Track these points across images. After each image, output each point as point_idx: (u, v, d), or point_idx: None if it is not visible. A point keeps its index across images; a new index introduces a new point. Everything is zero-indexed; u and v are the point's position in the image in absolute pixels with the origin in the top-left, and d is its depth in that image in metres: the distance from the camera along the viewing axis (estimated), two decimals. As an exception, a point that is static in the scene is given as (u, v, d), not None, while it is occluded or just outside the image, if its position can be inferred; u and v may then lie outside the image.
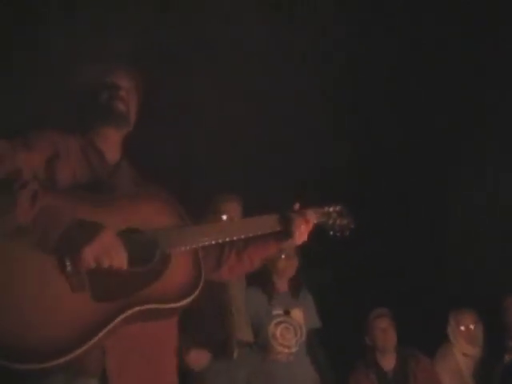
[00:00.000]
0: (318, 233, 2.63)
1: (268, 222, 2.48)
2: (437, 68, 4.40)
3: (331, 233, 2.67)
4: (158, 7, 3.77)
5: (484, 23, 4.10)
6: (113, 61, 2.43)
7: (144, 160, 2.45)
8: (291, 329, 3.67)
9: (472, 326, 4.36)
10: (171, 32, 3.88)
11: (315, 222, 2.58)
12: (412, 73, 4.46)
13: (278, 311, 3.75)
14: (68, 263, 1.84)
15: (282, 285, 3.93)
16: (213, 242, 2.25)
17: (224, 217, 3.46)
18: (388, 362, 4.30)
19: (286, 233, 2.50)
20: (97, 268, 1.89)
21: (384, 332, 4.30)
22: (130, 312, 1.89)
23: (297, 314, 3.78)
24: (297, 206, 2.58)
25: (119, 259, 1.93)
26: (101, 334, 1.81)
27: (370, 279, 4.90)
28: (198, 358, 3.29)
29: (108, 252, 1.89)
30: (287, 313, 3.71)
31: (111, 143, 2.33)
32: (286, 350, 3.63)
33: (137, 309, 1.91)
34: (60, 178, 2.06)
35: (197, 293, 2.06)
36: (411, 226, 4.97)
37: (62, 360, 1.72)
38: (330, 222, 2.67)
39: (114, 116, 2.29)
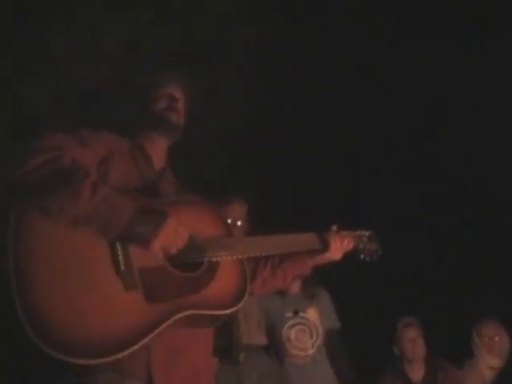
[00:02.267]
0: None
1: (307, 240, 2.61)
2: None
3: (362, 256, 2.82)
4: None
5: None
6: (167, 70, 2.51)
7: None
8: (306, 330, 3.62)
9: (496, 338, 4.29)
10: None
11: (352, 245, 2.72)
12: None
13: (290, 313, 3.69)
14: (122, 262, 1.89)
15: (295, 285, 3.85)
16: (257, 255, 2.33)
17: (228, 221, 3.39)
18: (416, 373, 4.26)
19: (322, 251, 2.62)
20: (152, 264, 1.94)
21: (412, 342, 4.25)
22: (180, 315, 1.93)
23: (312, 314, 3.70)
24: (334, 227, 2.71)
25: (181, 243, 2.00)
26: (151, 336, 1.83)
27: (399, 289, 4.85)
28: None
29: (173, 241, 1.96)
30: (296, 313, 3.65)
31: (159, 150, 2.41)
32: (302, 353, 3.58)
33: (187, 313, 1.95)
34: (111, 179, 2.10)
35: (243, 302, 2.12)
36: (440, 236, 4.91)
37: (109, 358, 1.75)
38: (361, 245, 2.81)
39: (168, 127, 2.38)
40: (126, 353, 1.76)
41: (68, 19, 3.69)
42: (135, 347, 1.78)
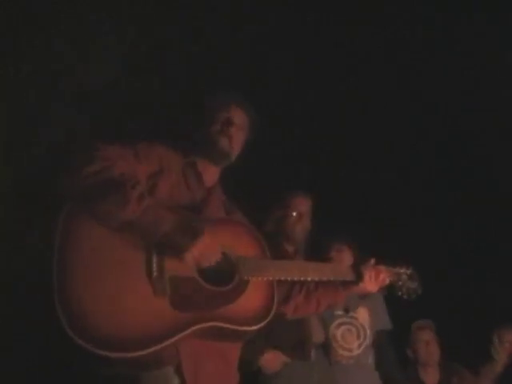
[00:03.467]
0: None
1: (343, 270, 2.62)
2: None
3: (399, 293, 2.75)
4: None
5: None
6: (230, 95, 2.48)
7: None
8: (353, 330, 3.53)
9: None
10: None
11: (388, 280, 2.69)
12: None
13: (340, 311, 3.58)
14: (155, 269, 2.01)
15: None
16: (288, 279, 2.35)
17: (294, 213, 3.42)
18: (430, 377, 4.19)
19: (356, 282, 2.60)
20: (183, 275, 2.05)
21: (427, 345, 4.20)
22: (202, 326, 2.01)
23: (362, 314, 3.60)
24: (372, 260, 2.66)
25: (213, 260, 2.09)
26: (173, 339, 1.93)
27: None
28: (273, 361, 3.26)
29: (206, 255, 2.06)
30: (346, 311, 3.57)
31: (210, 170, 2.42)
32: (347, 353, 3.47)
33: (210, 324, 2.03)
34: (158, 193, 2.18)
35: (266, 322, 2.16)
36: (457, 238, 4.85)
37: (131, 354, 1.85)
38: (400, 283, 2.75)
39: (215, 152, 2.37)
40: (146, 352, 1.86)
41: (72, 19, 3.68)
42: (154, 348, 1.88)
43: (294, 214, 3.41)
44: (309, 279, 2.42)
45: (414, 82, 4.25)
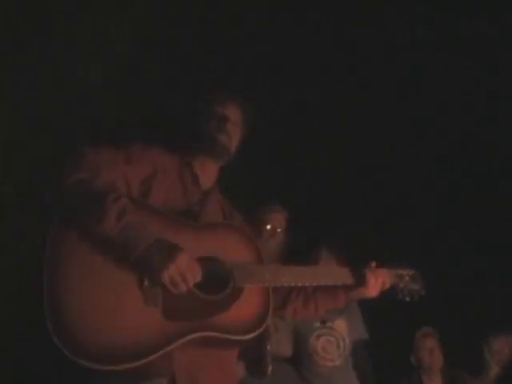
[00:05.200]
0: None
1: (342, 274, 2.52)
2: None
3: (400, 296, 2.67)
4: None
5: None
6: (223, 91, 2.49)
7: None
8: (333, 341, 3.52)
9: (507, 350, 4.18)
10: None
11: (390, 283, 2.60)
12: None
13: (318, 323, 3.57)
14: (146, 279, 1.96)
15: None
16: (285, 285, 2.31)
17: (268, 226, 3.38)
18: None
19: (357, 287, 2.52)
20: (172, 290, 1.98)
21: (430, 352, 4.19)
22: (194, 336, 1.96)
23: (340, 325, 3.60)
24: (373, 263, 2.58)
25: (193, 281, 2.01)
26: (163, 351, 1.89)
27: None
28: None
29: (184, 275, 1.96)
30: (324, 322, 3.56)
31: (208, 170, 2.40)
32: (329, 363, 3.47)
33: (202, 334, 1.99)
34: (152, 196, 2.15)
35: (261, 330, 2.12)
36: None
37: (119, 367, 1.82)
38: (401, 285, 2.66)
39: (216, 149, 2.36)
40: (137, 363, 1.83)
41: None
42: (146, 359, 1.85)
43: (268, 227, 3.37)
44: (306, 285, 2.39)
45: (413, 82, 4.26)
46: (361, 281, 2.50)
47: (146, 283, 1.94)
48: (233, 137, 2.38)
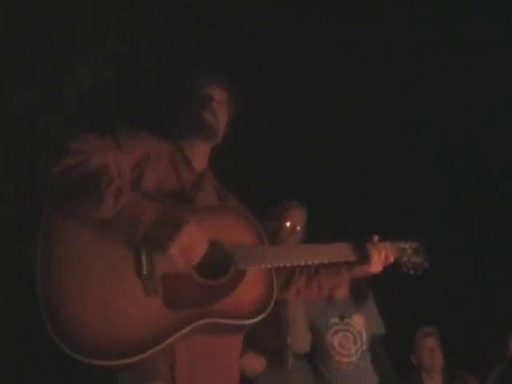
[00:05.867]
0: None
1: (344, 250, 2.43)
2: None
3: (404, 269, 2.61)
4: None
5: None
6: (207, 72, 2.46)
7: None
8: (350, 337, 3.54)
9: None
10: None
11: (393, 257, 2.54)
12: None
13: (335, 319, 3.59)
14: (145, 267, 1.88)
15: (342, 291, 3.69)
16: (287, 265, 2.25)
17: (288, 224, 3.37)
18: (434, 383, 4.18)
19: (361, 263, 2.46)
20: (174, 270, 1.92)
21: (431, 351, 4.19)
22: (198, 324, 1.90)
23: (357, 320, 3.60)
24: (376, 237, 2.52)
25: (201, 251, 1.95)
26: (167, 342, 1.83)
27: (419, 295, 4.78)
28: (253, 364, 3.21)
29: (192, 248, 1.91)
30: (342, 318, 3.57)
31: (199, 153, 2.35)
32: (346, 359, 3.49)
33: (206, 321, 1.92)
34: (145, 182, 2.08)
35: (267, 312, 2.05)
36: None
37: (124, 361, 1.76)
38: (405, 258, 2.60)
39: (203, 128, 2.31)
40: (140, 357, 1.77)
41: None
42: (147, 353, 1.78)
43: (288, 224, 3.36)
44: (309, 263, 2.33)
45: (413, 82, 4.26)
46: (364, 256, 2.43)
47: (144, 272, 1.87)
48: (219, 116, 2.34)
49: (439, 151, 4.64)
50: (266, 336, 2.17)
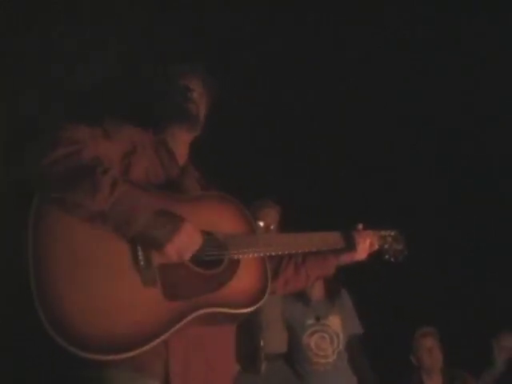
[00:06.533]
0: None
1: (331, 238, 2.53)
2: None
3: (386, 256, 2.71)
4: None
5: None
6: (186, 63, 2.47)
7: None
8: (327, 337, 3.56)
9: None
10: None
11: (377, 244, 2.64)
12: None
13: (311, 320, 3.61)
14: (141, 258, 1.87)
15: (317, 292, 3.75)
16: (279, 253, 2.28)
17: (261, 223, 3.37)
18: (434, 383, 4.15)
19: (347, 250, 2.54)
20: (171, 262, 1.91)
21: (430, 351, 4.17)
22: (198, 313, 1.90)
23: (333, 321, 3.63)
24: (360, 226, 2.63)
25: (196, 247, 1.95)
26: (168, 334, 1.82)
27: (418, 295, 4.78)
28: None
29: (188, 246, 1.92)
30: (318, 319, 3.59)
31: (181, 144, 2.36)
32: (323, 360, 3.51)
33: (206, 311, 1.92)
34: (133, 173, 2.06)
35: (263, 300, 2.07)
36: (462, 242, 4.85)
37: (122, 356, 1.73)
38: (386, 246, 2.70)
39: (185, 118, 2.32)
40: (138, 351, 1.74)
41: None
42: (149, 345, 1.77)
43: (262, 224, 3.37)
44: (299, 251, 2.39)
45: (413, 82, 4.26)
46: (350, 244, 2.53)
47: (142, 263, 1.85)
48: (199, 106, 2.36)
49: (439, 151, 4.65)
50: (239, 341, 2.17)
